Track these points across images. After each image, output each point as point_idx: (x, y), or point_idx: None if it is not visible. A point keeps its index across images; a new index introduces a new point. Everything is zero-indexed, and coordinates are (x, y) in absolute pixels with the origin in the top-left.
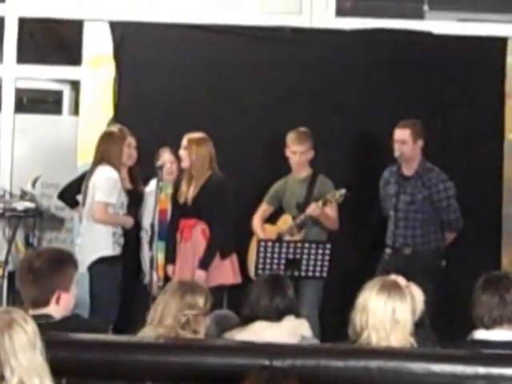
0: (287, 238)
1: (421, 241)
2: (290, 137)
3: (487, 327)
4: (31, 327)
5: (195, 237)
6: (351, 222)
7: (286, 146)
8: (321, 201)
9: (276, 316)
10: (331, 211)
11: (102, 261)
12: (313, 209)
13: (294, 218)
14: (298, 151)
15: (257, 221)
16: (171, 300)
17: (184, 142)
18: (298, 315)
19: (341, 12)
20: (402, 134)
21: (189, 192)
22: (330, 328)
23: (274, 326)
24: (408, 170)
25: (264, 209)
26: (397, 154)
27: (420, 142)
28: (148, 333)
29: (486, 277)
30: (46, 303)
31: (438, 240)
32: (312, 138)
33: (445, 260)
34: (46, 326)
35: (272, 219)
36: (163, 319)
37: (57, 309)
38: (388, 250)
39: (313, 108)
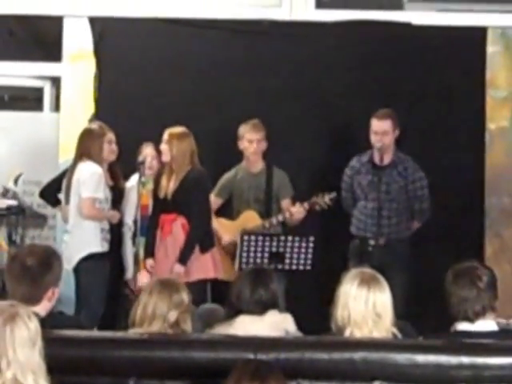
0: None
1: (395, 230)
2: (244, 127)
3: (471, 320)
4: (34, 325)
5: (175, 231)
6: (339, 213)
7: (238, 138)
8: (306, 203)
9: (258, 309)
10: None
11: (90, 257)
12: (298, 211)
13: (259, 213)
14: (254, 139)
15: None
16: (160, 301)
17: (165, 136)
18: (281, 309)
19: (320, 4)
20: (383, 125)
21: (169, 186)
22: (321, 319)
23: (256, 320)
24: (381, 160)
25: (212, 201)
26: (378, 145)
27: (397, 132)
28: None
29: (456, 270)
30: (38, 301)
31: (408, 229)
32: (264, 129)
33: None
34: None
35: (227, 213)
36: (154, 321)
37: (46, 305)
38: (372, 242)
39: (294, 100)
